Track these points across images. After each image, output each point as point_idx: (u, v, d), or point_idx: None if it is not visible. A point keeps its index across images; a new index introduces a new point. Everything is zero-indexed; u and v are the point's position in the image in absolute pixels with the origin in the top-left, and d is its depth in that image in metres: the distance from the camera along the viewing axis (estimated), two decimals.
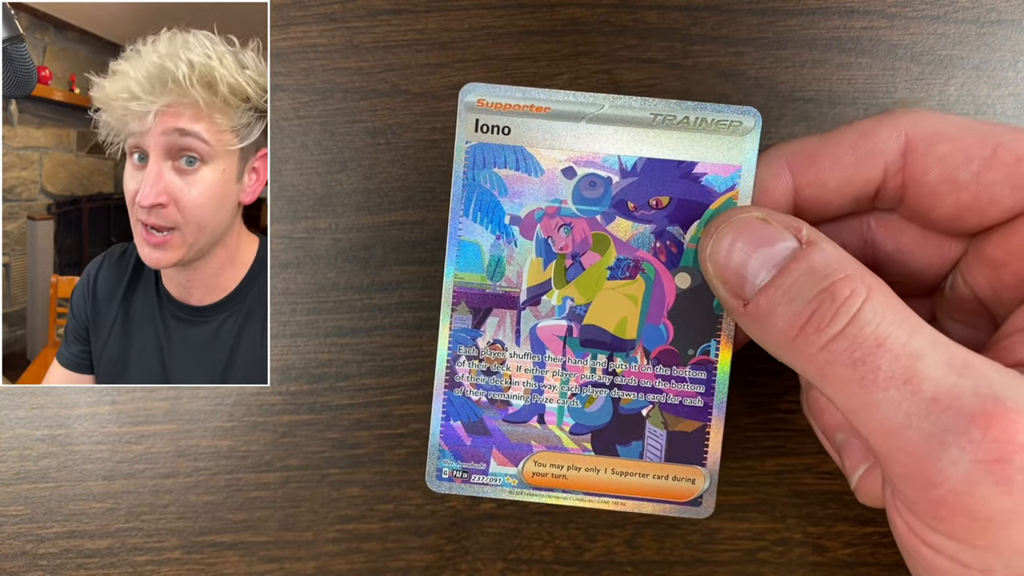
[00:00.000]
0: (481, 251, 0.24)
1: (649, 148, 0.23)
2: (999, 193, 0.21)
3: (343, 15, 0.28)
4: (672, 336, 0.24)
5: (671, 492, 0.24)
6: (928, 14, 0.28)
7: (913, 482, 0.18)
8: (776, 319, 0.20)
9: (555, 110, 0.23)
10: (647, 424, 0.24)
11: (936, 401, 0.17)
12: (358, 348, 0.29)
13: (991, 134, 0.21)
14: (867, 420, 0.19)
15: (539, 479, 0.24)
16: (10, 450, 0.29)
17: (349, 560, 0.29)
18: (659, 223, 0.23)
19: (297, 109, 0.28)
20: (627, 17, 0.28)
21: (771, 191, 0.23)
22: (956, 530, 0.18)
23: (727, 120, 0.23)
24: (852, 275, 0.19)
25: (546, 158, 0.23)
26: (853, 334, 0.18)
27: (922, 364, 0.18)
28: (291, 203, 0.28)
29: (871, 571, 0.28)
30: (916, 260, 0.24)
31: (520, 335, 0.24)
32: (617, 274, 0.24)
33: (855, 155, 0.22)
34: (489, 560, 0.29)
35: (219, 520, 0.29)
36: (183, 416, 0.29)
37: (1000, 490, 0.17)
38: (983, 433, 0.17)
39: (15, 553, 0.29)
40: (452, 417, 0.24)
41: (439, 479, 0.24)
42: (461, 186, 0.23)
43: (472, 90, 0.23)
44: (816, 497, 0.28)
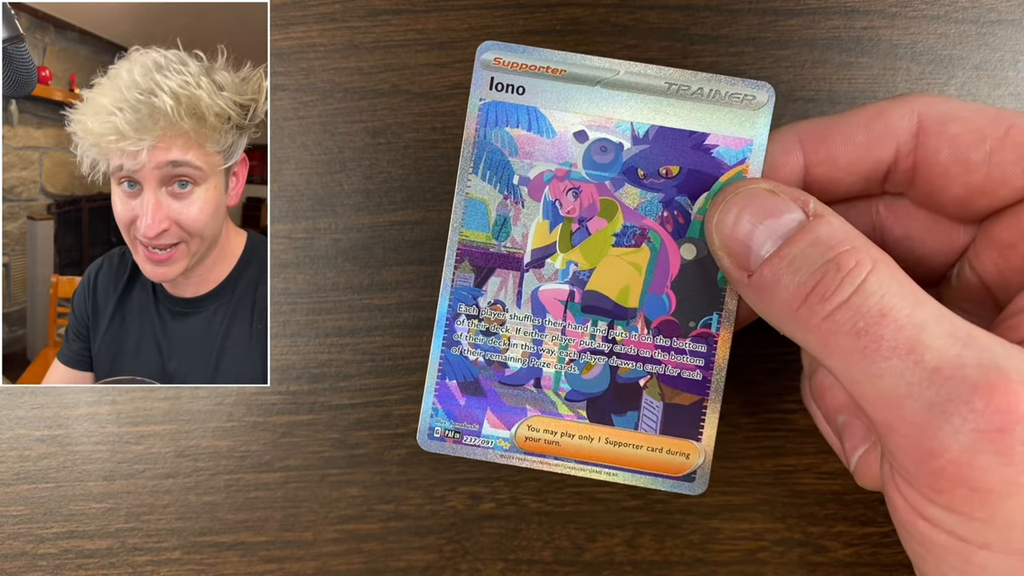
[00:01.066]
0: (488, 210, 0.24)
1: (662, 117, 0.23)
2: (1011, 173, 0.21)
3: (343, 15, 0.28)
4: (674, 307, 0.23)
5: (664, 465, 0.24)
6: (928, 14, 0.28)
7: (913, 453, 0.18)
8: (780, 289, 0.20)
9: (570, 73, 0.23)
10: (644, 395, 0.24)
11: (939, 371, 0.17)
12: (358, 348, 0.29)
13: (1003, 116, 0.21)
14: (869, 391, 0.19)
15: (531, 444, 0.24)
16: (10, 450, 0.29)
17: (349, 560, 0.29)
18: (668, 192, 0.23)
19: (297, 109, 0.28)
20: (627, 17, 0.28)
21: (782, 167, 0.23)
22: (955, 502, 0.18)
23: (740, 93, 0.23)
24: (858, 247, 0.19)
25: (559, 120, 0.23)
26: (857, 304, 0.18)
27: (926, 335, 0.18)
28: (291, 203, 0.28)
29: (871, 571, 0.28)
30: (925, 246, 0.24)
31: (521, 297, 0.24)
32: (623, 241, 0.23)
33: (867, 134, 0.22)
34: (489, 560, 0.29)
35: (219, 520, 0.29)
36: (183, 416, 0.29)
37: (1000, 460, 0.17)
38: (985, 403, 0.17)
39: (15, 553, 0.29)
40: (448, 376, 0.24)
41: (430, 438, 0.24)
42: (472, 143, 0.23)
43: (490, 48, 0.23)
44: (816, 497, 0.28)
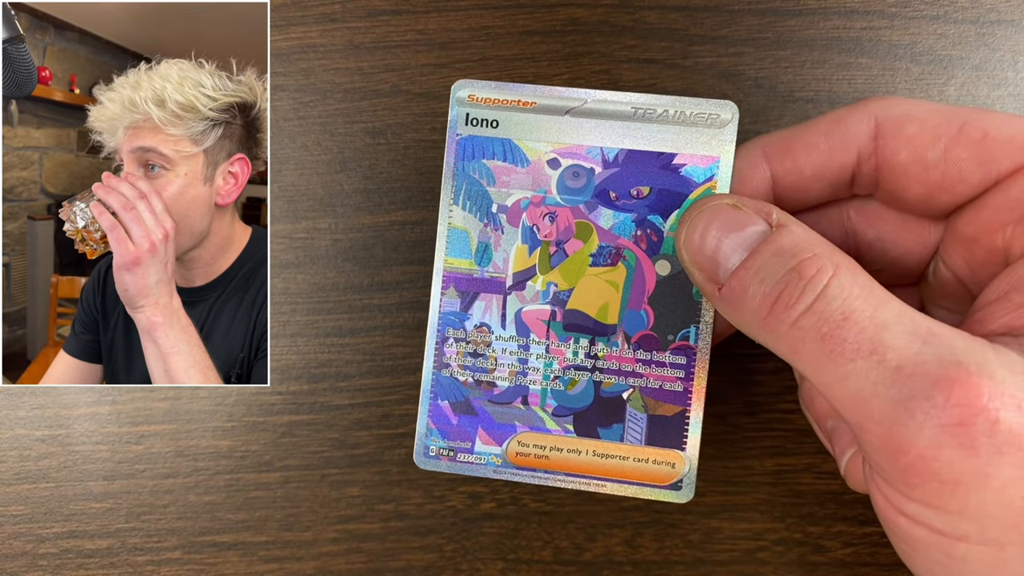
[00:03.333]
0: (470, 238, 0.25)
1: (630, 140, 0.24)
2: (966, 169, 0.21)
3: (343, 15, 0.28)
4: (652, 322, 0.24)
5: (651, 475, 0.25)
6: (928, 14, 0.28)
7: (884, 451, 0.18)
8: (748, 300, 0.20)
9: (540, 104, 0.24)
10: (628, 407, 0.24)
11: (900, 369, 0.18)
12: (358, 348, 0.29)
13: (958, 114, 0.21)
14: (838, 393, 0.19)
15: (522, 459, 0.25)
16: (10, 450, 0.29)
17: (349, 560, 0.29)
18: (640, 212, 0.24)
19: (297, 109, 0.28)
20: (627, 17, 0.28)
21: (749, 181, 0.23)
22: (928, 496, 0.18)
23: (705, 113, 0.24)
24: (819, 254, 0.19)
25: (532, 150, 0.24)
26: (820, 309, 0.19)
27: (887, 334, 0.18)
28: (291, 203, 0.28)
29: (870, 571, 0.29)
30: (897, 247, 0.24)
31: (506, 319, 0.25)
32: (599, 261, 0.24)
33: (828, 142, 0.22)
34: (489, 560, 0.29)
35: (219, 520, 0.29)
36: (183, 416, 0.29)
37: (965, 453, 0.17)
38: (946, 398, 0.17)
39: (15, 553, 0.29)
40: (440, 397, 0.25)
41: (426, 456, 0.25)
42: (451, 176, 0.24)
43: (463, 86, 0.24)
44: (816, 497, 0.28)
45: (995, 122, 0.21)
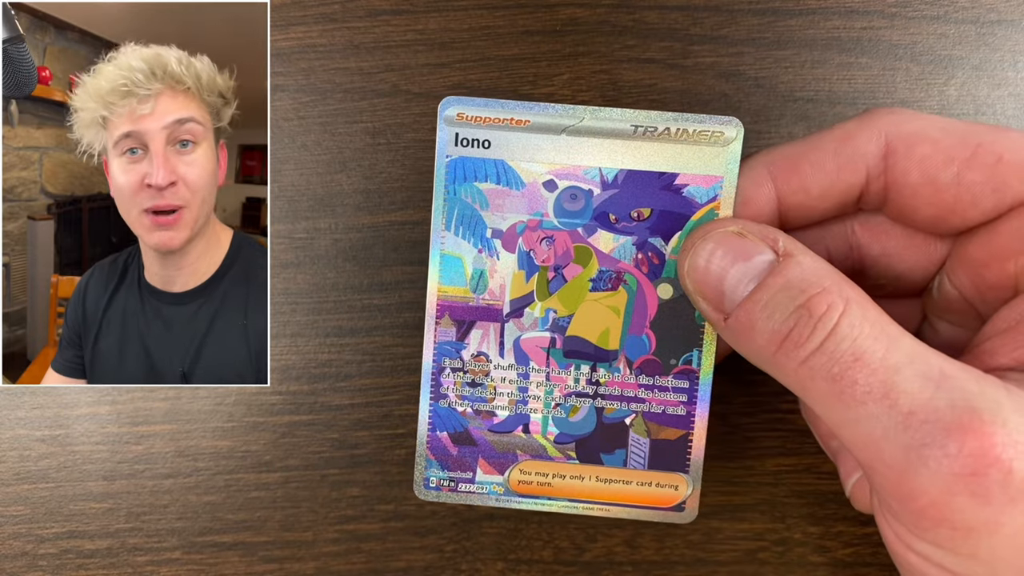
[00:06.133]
0: (463, 265, 0.24)
1: (630, 160, 0.23)
2: (980, 194, 0.21)
3: (343, 15, 0.28)
4: (655, 346, 0.24)
5: (654, 498, 0.24)
6: (928, 14, 0.28)
7: (895, 494, 0.18)
8: (755, 335, 0.20)
9: (535, 123, 0.23)
10: (630, 432, 0.24)
11: (913, 415, 0.18)
12: (358, 348, 0.29)
13: (971, 134, 0.21)
14: (848, 433, 0.19)
15: (525, 487, 0.24)
16: (10, 450, 0.29)
17: (349, 560, 0.29)
18: (641, 235, 0.23)
19: (297, 109, 0.28)
20: (627, 17, 0.28)
21: (754, 201, 0.22)
22: (940, 539, 0.18)
23: (709, 131, 0.23)
24: (829, 288, 0.19)
25: (527, 171, 0.23)
26: (831, 349, 0.18)
27: (899, 378, 0.18)
28: (291, 203, 0.28)
29: (871, 571, 0.28)
30: (902, 262, 0.24)
31: (504, 347, 0.24)
32: (599, 286, 0.24)
33: (836, 161, 0.22)
34: (489, 560, 0.29)
35: (219, 520, 0.29)
36: (183, 416, 0.29)
37: (978, 502, 0.17)
38: (959, 447, 0.17)
39: (15, 553, 0.29)
40: (438, 428, 0.24)
41: (426, 488, 0.25)
42: (442, 200, 0.23)
43: (451, 103, 0.23)
44: (816, 497, 0.28)
45: (1010, 145, 0.20)
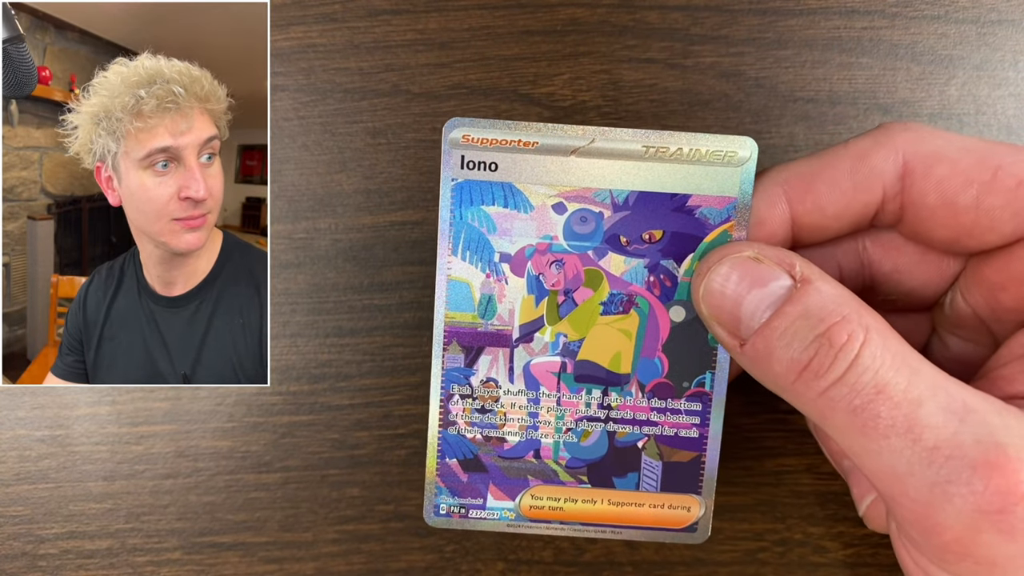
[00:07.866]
0: (471, 290, 0.23)
1: (642, 181, 0.22)
2: (999, 218, 0.20)
3: (343, 15, 0.28)
4: (667, 369, 0.23)
5: (667, 520, 0.24)
6: (928, 14, 0.28)
7: (918, 527, 0.18)
8: (773, 363, 0.19)
9: (543, 144, 0.22)
10: (643, 456, 0.24)
11: (937, 450, 0.17)
12: (358, 348, 0.29)
13: (991, 155, 0.20)
14: (870, 463, 0.18)
15: (536, 512, 0.24)
16: (10, 450, 0.29)
17: (349, 561, 0.29)
18: (652, 257, 0.23)
19: (297, 109, 0.28)
20: (627, 17, 0.28)
21: (768, 222, 0.22)
22: (962, 572, 0.18)
23: (722, 151, 0.22)
24: (848, 317, 0.19)
25: (535, 194, 0.23)
26: (852, 381, 0.18)
27: (923, 412, 0.18)
28: (291, 203, 0.28)
29: (871, 572, 0.28)
30: (914, 278, 0.23)
31: (514, 372, 0.24)
32: (610, 309, 0.23)
33: (852, 180, 0.21)
34: (489, 560, 0.29)
35: (219, 521, 0.29)
36: (183, 416, 0.29)
37: (1003, 538, 0.17)
38: (985, 484, 0.17)
39: (15, 554, 0.29)
40: (447, 455, 0.24)
41: (436, 515, 0.24)
42: (448, 224, 0.23)
43: (457, 125, 0.22)
44: (816, 497, 0.28)
45: None
